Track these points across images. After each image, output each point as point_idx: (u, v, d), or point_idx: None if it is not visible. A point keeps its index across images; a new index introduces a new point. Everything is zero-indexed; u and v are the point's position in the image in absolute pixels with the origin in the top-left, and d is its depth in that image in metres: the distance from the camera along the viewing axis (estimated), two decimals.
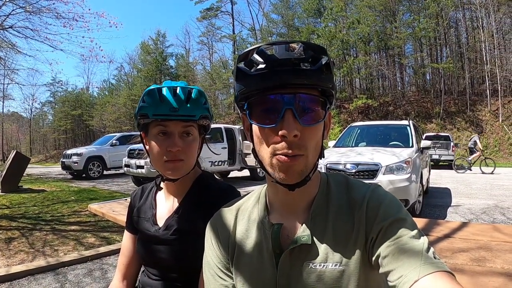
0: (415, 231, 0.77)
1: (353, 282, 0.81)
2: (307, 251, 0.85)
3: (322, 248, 0.84)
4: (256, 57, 0.79)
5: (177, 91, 1.25)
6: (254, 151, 0.88)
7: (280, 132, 0.78)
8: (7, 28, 10.33)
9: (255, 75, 0.79)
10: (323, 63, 0.79)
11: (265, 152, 0.83)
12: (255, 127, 0.84)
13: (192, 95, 1.27)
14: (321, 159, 0.88)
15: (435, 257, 0.71)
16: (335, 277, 0.82)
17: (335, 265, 0.82)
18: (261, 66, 0.78)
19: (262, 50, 0.79)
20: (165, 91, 1.24)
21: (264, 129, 0.81)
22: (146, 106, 1.23)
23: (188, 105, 1.24)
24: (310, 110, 0.80)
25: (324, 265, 0.83)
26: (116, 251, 4.96)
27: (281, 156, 0.80)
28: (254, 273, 0.91)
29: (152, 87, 1.26)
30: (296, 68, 0.76)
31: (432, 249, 0.74)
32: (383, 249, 0.76)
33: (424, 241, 0.75)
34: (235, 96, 0.87)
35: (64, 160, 17.16)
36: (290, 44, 0.79)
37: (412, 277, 0.67)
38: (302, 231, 0.86)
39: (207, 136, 1.44)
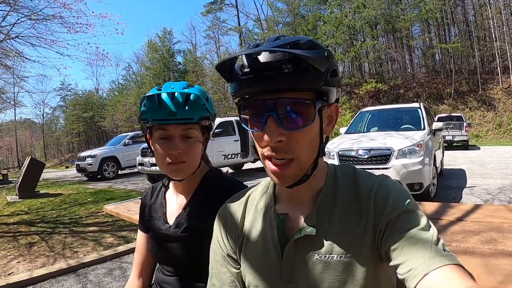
0: (424, 223, 0.77)
1: (361, 274, 0.81)
2: (312, 242, 0.85)
3: (328, 239, 0.84)
4: (244, 59, 0.79)
5: (175, 95, 1.26)
6: (254, 147, 0.89)
7: (263, 138, 0.79)
8: (14, 37, 10.37)
9: (242, 79, 0.78)
10: (309, 63, 0.73)
11: (259, 151, 0.85)
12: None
13: (191, 97, 1.27)
14: (322, 156, 0.87)
15: (444, 250, 0.71)
16: (341, 269, 0.81)
17: (341, 256, 0.82)
18: (246, 70, 0.78)
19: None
20: (164, 96, 1.25)
21: (253, 132, 0.83)
22: (146, 111, 1.26)
23: (187, 107, 1.26)
24: (297, 114, 0.78)
25: (329, 257, 0.83)
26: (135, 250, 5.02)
27: (271, 165, 0.82)
28: (259, 262, 0.92)
29: (151, 92, 1.29)
30: (277, 72, 0.74)
31: (441, 241, 0.74)
32: (392, 242, 0.76)
33: (433, 233, 0.75)
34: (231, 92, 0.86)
35: (78, 162, 17.30)
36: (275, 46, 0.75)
37: (421, 271, 0.67)
38: (308, 222, 0.86)
39: (218, 130, 1.45)
